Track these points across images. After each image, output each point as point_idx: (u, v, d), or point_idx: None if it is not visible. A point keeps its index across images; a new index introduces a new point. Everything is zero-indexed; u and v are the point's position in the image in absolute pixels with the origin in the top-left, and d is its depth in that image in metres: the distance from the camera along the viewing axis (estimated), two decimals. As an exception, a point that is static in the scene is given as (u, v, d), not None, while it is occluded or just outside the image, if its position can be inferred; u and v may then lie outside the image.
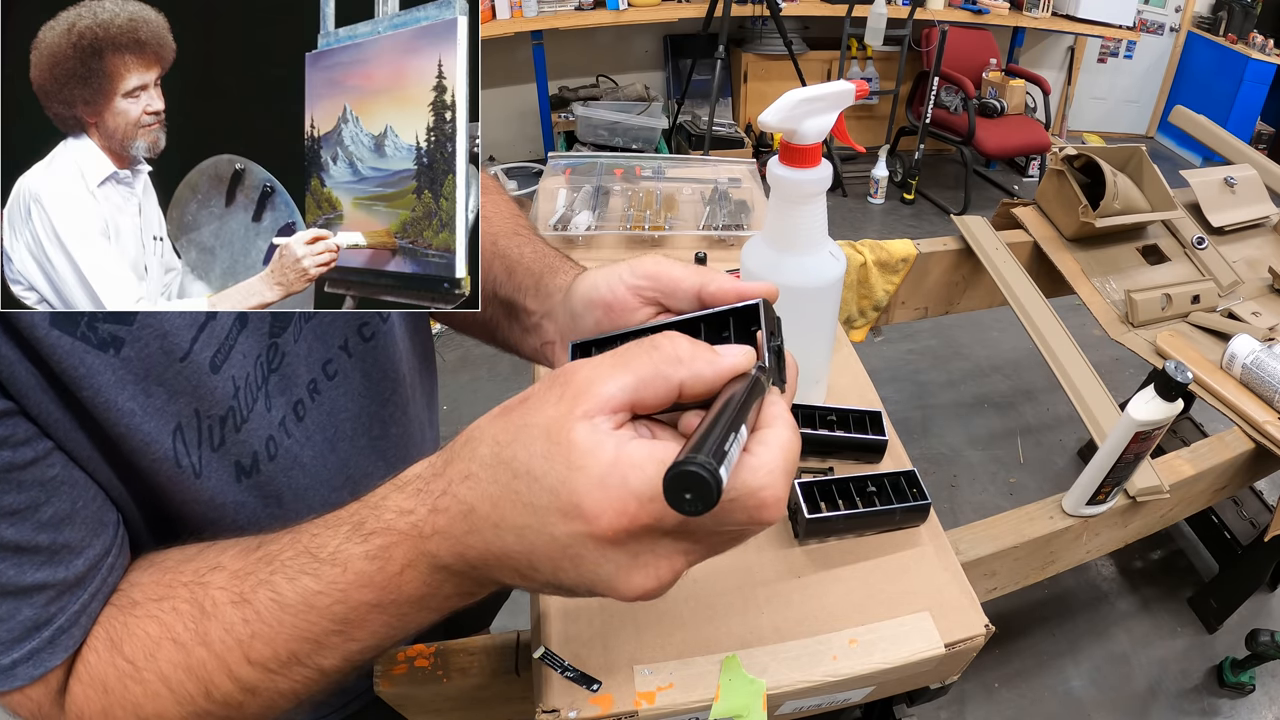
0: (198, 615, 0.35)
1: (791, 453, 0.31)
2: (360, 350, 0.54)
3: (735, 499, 0.29)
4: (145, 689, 0.36)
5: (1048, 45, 4.33)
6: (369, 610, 0.34)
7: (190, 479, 0.41)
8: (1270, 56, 3.93)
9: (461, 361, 2.55)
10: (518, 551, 0.30)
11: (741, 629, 0.57)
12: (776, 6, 3.22)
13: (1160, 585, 1.89)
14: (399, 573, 0.33)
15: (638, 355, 0.31)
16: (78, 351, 0.33)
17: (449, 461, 0.32)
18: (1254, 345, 1.23)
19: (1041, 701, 1.64)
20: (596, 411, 0.29)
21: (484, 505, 0.30)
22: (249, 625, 0.35)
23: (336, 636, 0.34)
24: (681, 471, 0.24)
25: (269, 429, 0.46)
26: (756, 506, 0.29)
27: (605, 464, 0.28)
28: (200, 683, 0.35)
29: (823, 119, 0.58)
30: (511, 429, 0.30)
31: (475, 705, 0.65)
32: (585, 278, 0.44)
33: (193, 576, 0.37)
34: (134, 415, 0.37)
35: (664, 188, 1.20)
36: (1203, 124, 1.88)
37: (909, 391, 2.53)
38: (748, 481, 0.29)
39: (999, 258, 1.46)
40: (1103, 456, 0.96)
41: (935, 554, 0.64)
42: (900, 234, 2.93)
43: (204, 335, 0.39)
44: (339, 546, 0.33)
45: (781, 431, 0.31)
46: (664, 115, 3.40)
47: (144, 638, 0.36)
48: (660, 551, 0.30)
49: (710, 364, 0.31)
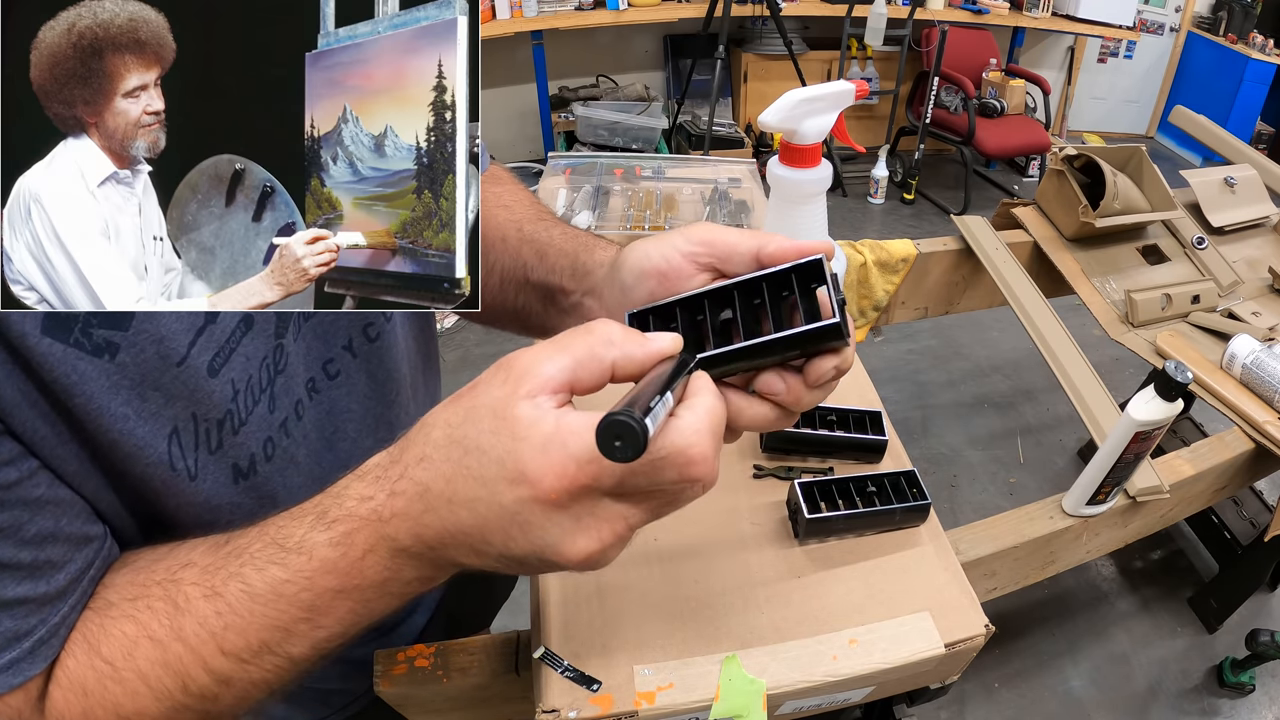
0: (172, 612, 0.36)
1: (715, 416, 0.33)
2: (365, 351, 0.54)
3: (665, 457, 0.31)
4: (124, 688, 0.36)
5: (1048, 45, 4.33)
6: (334, 596, 0.35)
7: (185, 482, 0.41)
8: (1270, 56, 3.93)
9: (461, 361, 2.55)
10: (471, 525, 0.32)
11: (741, 629, 0.57)
12: (776, 6, 3.22)
13: (1160, 585, 1.89)
14: (361, 558, 0.34)
15: (574, 339, 0.33)
16: (70, 359, 0.33)
17: (404, 448, 0.34)
18: (1254, 345, 1.23)
19: (1041, 701, 1.64)
20: (538, 391, 0.32)
21: (438, 483, 0.32)
22: (222, 617, 0.35)
23: (305, 624, 0.36)
24: (611, 420, 0.27)
25: (268, 430, 0.46)
26: (685, 464, 0.31)
27: (546, 433, 0.31)
28: (178, 677, 0.36)
29: (823, 119, 0.58)
30: (461, 411, 0.33)
31: (475, 705, 0.65)
32: (634, 248, 0.44)
33: (165, 574, 0.37)
34: (127, 420, 0.36)
35: (664, 188, 1.20)
36: (1203, 124, 1.88)
37: (909, 391, 2.53)
38: (675, 441, 0.31)
39: (999, 258, 1.46)
40: (1103, 456, 0.96)
41: (935, 554, 0.64)
42: (900, 234, 2.93)
43: (202, 339, 0.39)
44: (304, 535, 0.35)
45: (706, 399, 0.34)
46: (664, 115, 3.40)
47: (121, 638, 0.36)
48: (601, 514, 0.32)
49: (640, 346, 0.34)
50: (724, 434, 0.37)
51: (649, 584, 0.60)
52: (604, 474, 0.31)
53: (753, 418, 0.38)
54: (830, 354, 0.37)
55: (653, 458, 0.31)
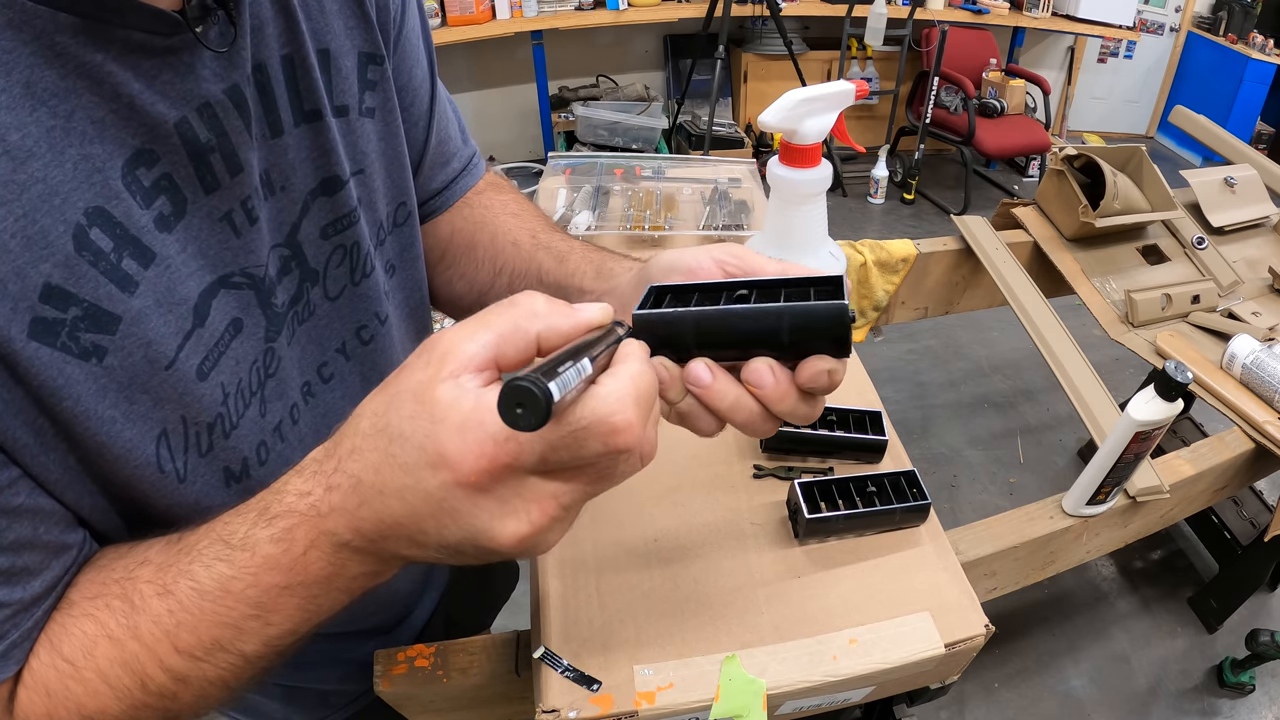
0: (128, 610, 0.36)
1: (642, 382, 0.31)
2: (359, 354, 0.54)
3: (586, 426, 0.30)
4: (85, 687, 0.36)
5: (1048, 45, 4.33)
6: (280, 593, 0.35)
7: (174, 484, 0.41)
8: (1270, 56, 3.92)
9: (461, 361, 2.55)
10: (403, 515, 0.31)
11: (741, 629, 0.57)
12: (776, 6, 3.22)
13: (1160, 585, 1.89)
14: (303, 554, 0.34)
15: (497, 313, 0.32)
16: (57, 363, 0.33)
17: (338, 441, 0.33)
18: (1254, 345, 1.23)
19: (1041, 701, 1.64)
20: (461, 370, 0.30)
21: (368, 474, 0.32)
22: (174, 615, 0.35)
23: (254, 621, 0.35)
24: (511, 385, 0.26)
25: (261, 434, 0.46)
26: (609, 433, 0.30)
27: (464, 413, 0.29)
28: (135, 676, 0.36)
29: (823, 119, 0.58)
30: (386, 398, 0.32)
31: (475, 705, 0.65)
32: (665, 254, 0.46)
33: (123, 573, 0.37)
34: (115, 423, 0.36)
35: (664, 188, 1.20)
36: (1203, 124, 1.88)
37: (909, 391, 2.53)
38: (596, 409, 0.30)
39: (999, 258, 1.46)
40: (1103, 456, 0.96)
41: (935, 554, 0.64)
42: (900, 234, 2.93)
43: (190, 342, 0.39)
44: (248, 532, 0.35)
45: (632, 365, 0.32)
46: (664, 115, 3.40)
47: (81, 636, 0.36)
48: (528, 495, 0.31)
49: (566, 316, 0.32)
50: (675, 409, 0.36)
51: (649, 584, 0.60)
52: (524, 451, 0.29)
53: (732, 405, 0.37)
54: (826, 356, 0.36)
55: (572, 428, 0.29)
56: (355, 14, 0.48)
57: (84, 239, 0.33)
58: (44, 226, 0.32)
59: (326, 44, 0.46)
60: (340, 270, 0.50)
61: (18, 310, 0.31)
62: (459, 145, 0.65)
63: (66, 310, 0.33)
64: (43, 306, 0.32)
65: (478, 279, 0.63)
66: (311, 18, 0.45)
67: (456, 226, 0.64)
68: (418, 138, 0.58)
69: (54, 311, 0.32)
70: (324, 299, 0.50)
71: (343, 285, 0.51)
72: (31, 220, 0.31)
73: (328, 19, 0.46)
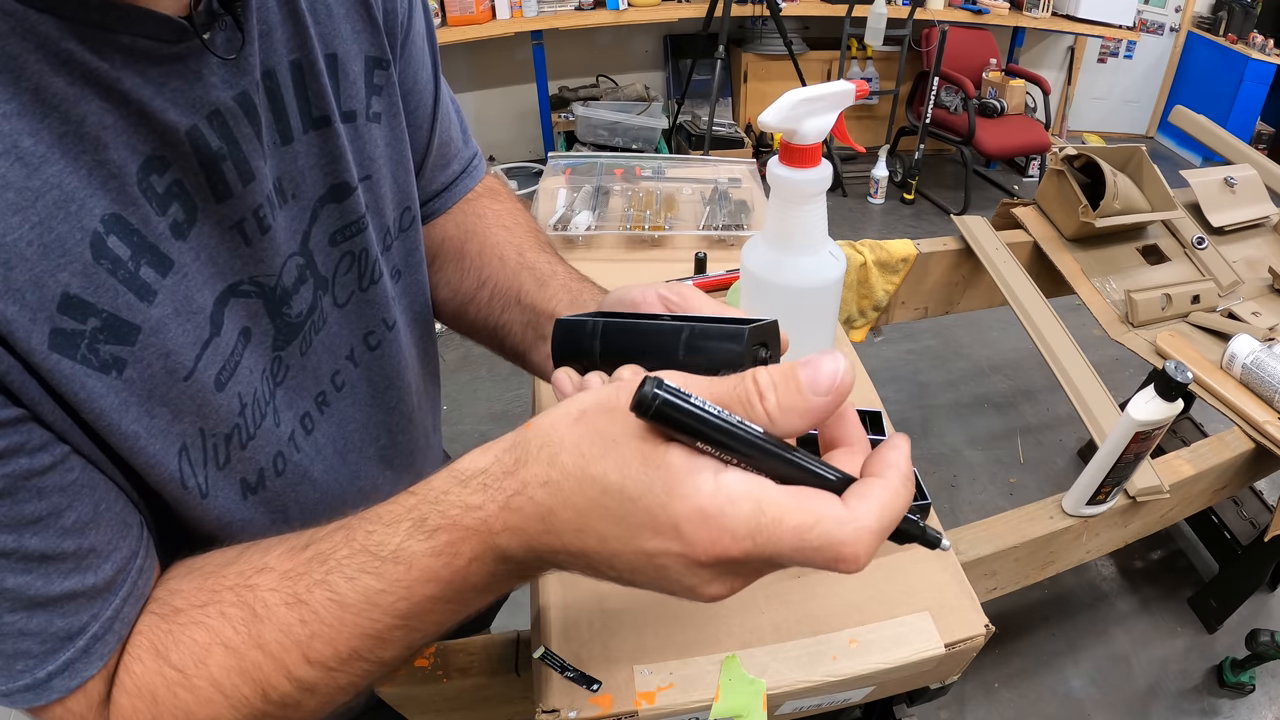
0: (249, 618, 0.35)
1: (892, 513, 0.29)
2: (366, 359, 0.54)
3: (818, 548, 0.28)
4: (196, 695, 0.35)
5: (1048, 45, 4.33)
6: (432, 603, 0.34)
7: (197, 499, 0.40)
8: (1270, 56, 3.92)
9: (462, 361, 2.55)
10: (597, 551, 0.31)
11: (741, 629, 0.57)
12: (776, 6, 3.22)
13: (1160, 585, 1.89)
14: (465, 565, 0.33)
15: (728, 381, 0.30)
16: (79, 376, 0.32)
17: (521, 462, 0.31)
18: (1254, 345, 1.23)
19: (1041, 701, 1.64)
20: None
21: (566, 512, 0.30)
22: (307, 626, 0.34)
23: (399, 630, 0.34)
24: (641, 394, 0.27)
25: (278, 445, 0.45)
26: (834, 559, 0.29)
27: (705, 495, 0.28)
28: (256, 685, 0.35)
29: (823, 119, 0.58)
30: (599, 442, 0.30)
31: (475, 705, 0.65)
32: (621, 288, 0.49)
33: (237, 580, 0.36)
34: (139, 439, 0.36)
35: (664, 188, 1.20)
36: (1203, 124, 1.88)
37: (909, 391, 2.53)
38: (833, 533, 0.28)
39: (999, 258, 1.46)
40: (1103, 456, 0.96)
41: (935, 554, 0.64)
42: (900, 234, 2.93)
43: (208, 353, 0.38)
44: (401, 544, 0.33)
45: (890, 484, 0.30)
46: (664, 115, 3.40)
47: (191, 644, 0.35)
48: (742, 573, 0.31)
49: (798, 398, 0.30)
50: None
51: (649, 584, 0.60)
52: (755, 553, 0.28)
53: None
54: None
55: (801, 547, 0.28)
56: (362, 18, 0.47)
57: (101, 246, 0.32)
58: (61, 234, 0.31)
59: (334, 49, 0.45)
60: (349, 277, 0.50)
61: (37, 321, 0.31)
62: (460, 147, 0.65)
63: (85, 321, 0.32)
64: (61, 318, 0.31)
65: (462, 288, 0.63)
66: (320, 22, 0.44)
67: (449, 233, 0.64)
68: (420, 140, 0.58)
69: (73, 323, 0.32)
70: (333, 306, 0.50)
71: (350, 292, 0.51)
72: (48, 228, 0.31)
73: (335, 23, 0.45)
